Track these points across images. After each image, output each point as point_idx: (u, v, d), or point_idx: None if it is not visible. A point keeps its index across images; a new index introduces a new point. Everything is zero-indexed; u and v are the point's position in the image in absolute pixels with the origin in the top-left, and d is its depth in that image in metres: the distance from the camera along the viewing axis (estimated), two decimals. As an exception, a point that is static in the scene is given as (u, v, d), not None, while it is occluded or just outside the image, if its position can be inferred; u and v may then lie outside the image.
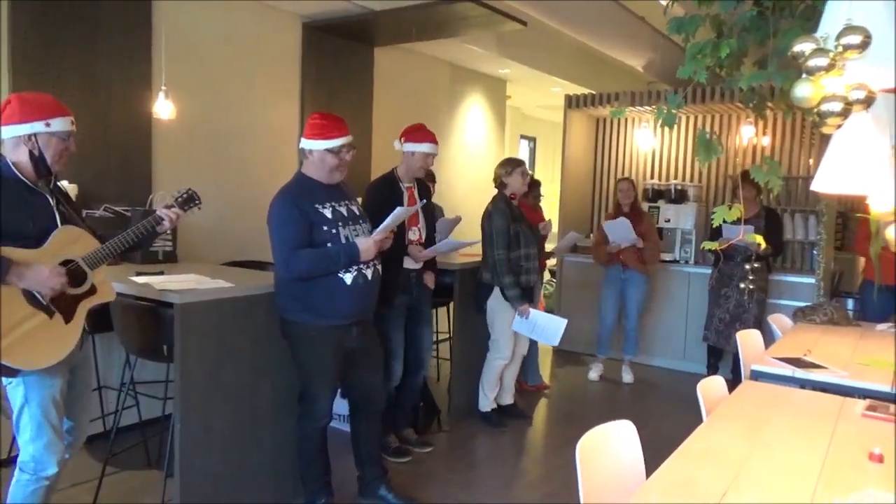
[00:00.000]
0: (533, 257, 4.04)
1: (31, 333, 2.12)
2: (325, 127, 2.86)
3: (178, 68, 4.21)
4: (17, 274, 2.08)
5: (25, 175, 2.22)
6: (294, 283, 2.79)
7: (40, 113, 2.22)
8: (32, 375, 2.19)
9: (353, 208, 2.95)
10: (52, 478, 2.29)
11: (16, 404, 2.24)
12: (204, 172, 4.47)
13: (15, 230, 2.13)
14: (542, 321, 4.03)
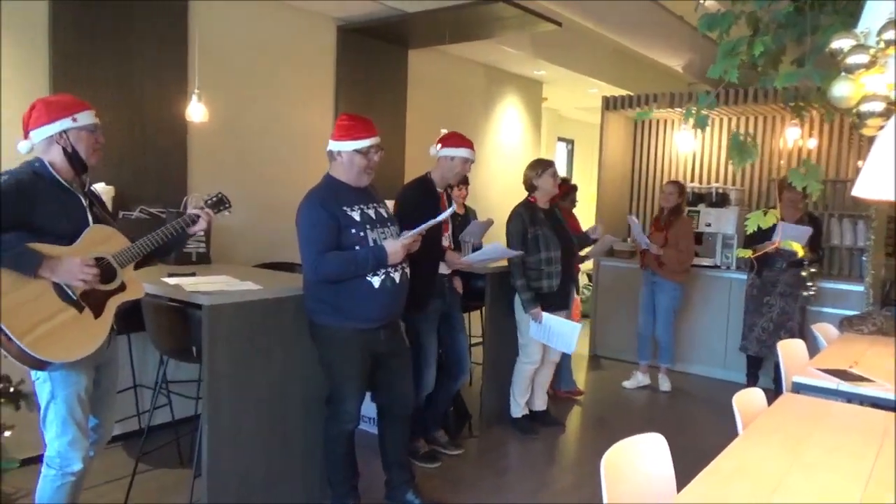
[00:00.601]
0: (555, 261, 3.96)
1: (60, 327, 2.16)
2: (353, 128, 2.86)
3: (212, 71, 4.26)
4: (50, 267, 2.13)
5: (61, 174, 2.28)
6: (322, 286, 2.80)
7: (65, 110, 2.28)
8: (59, 372, 2.24)
9: (381, 211, 2.94)
10: (78, 474, 2.34)
11: (42, 400, 2.29)
12: (238, 174, 4.52)
13: (50, 228, 2.18)
14: (556, 326, 3.95)
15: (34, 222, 2.15)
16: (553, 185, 4.04)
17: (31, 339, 2.09)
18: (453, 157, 3.55)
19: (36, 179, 2.21)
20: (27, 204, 2.14)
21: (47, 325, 2.13)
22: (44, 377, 2.25)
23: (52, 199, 2.22)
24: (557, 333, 3.95)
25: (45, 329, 2.12)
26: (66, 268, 2.15)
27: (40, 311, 2.13)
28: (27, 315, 2.10)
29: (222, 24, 4.36)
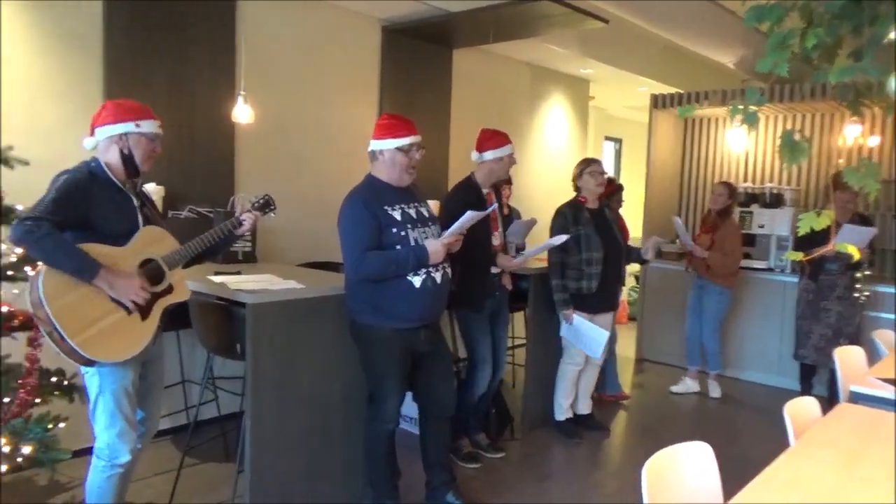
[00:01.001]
0: (595, 262, 3.89)
1: (109, 328, 2.23)
2: (394, 126, 2.87)
3: (258, 73, 4.34)
4: (108, 281, 2.19)
5: (116, 175, 2.36)
6: (363, 285, 2.81)
7: (131, 114, 2.37)
8: (107, 367, 2.32)
9: (422, 210, 2.94)
10: (126, 465, 2.41)
11: (92, 394, 2.38)
12: (283, 174, 4.59)
13: (104, 227, 2.27)
14: (586, 330, 3.89)
15: (90, 221, 2.24)
16: (594, 183, 3.98)
17: (82, 338, 2.16)
18: (501, 157, 3.53)
19: (91, 179, 2.30)
20: (84, 203, 2.23)
21: (97, 326, 2.20)
22: (92, 372, 2.34)
23: (107, 199, 2.30)
24: (586, 337, 3.90)
25: (96, 329, 2.19)
26: (124, 286, 2.22)
27: (91, 312, 2.20)
28: (79, 315, 2.17)
29: (268, 26, 4.43)
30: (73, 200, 2.21)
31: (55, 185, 2.24)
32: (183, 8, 3.97)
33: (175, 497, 3.14)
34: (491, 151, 3.52)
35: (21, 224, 2.10)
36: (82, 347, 2.15)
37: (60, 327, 2.12)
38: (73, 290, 2.17)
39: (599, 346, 3.89)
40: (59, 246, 2.12)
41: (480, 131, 3.60)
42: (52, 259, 2.13)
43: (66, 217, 2.18)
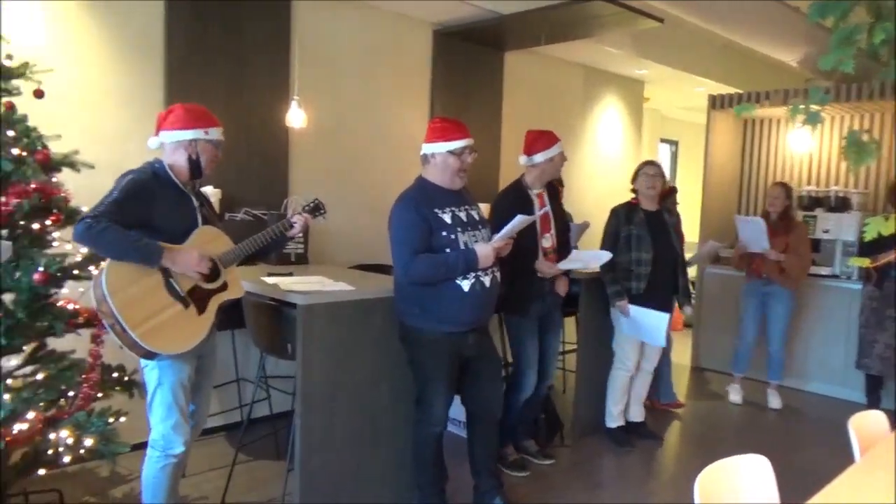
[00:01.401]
0: (645, 263, 3.81)
1: (167, 321, 2.32)
2: (447, 129, 2.88)
3: (311, 77, 4.41)
4: (171, 258, 2.30)
5: (178, 177, 2.46)
6: (412, 288, 2.82)
7: (201, 122, 2.47)
8: (166, 361, 2.40)
9: (473, 214, 2.93)
10: (180, 456, 2.49)
11: (150, 386, 2.47)
12: (336, 178, 4.65)
13: (164, 226, 2.36)
14: (644, 319, 3.80)
15: (150, 220, 2.33)
16: (645, 185, 3.91)
17: (142, 330, 2.25)
18: (552, 157, 3.49)
19: (154, 180, 2.40)
20: (146, 202, 2.33)
21: (157, 319, 2.29)
22: (152, 365, 2.43)
23: (168, 199, 2.40)
24: (646, 326, 3.81)
25: (155, 322, 2.28)
26: (185, 259, 2.32)
27: (151, 305, 2.29)
28: (140, 308, 2.26)
29: (322, 30, 4.51)
30: (135, 200, 2.31)
31: (119, 184, 2.34)
32: (241, 13, 4.07)
33: (228, 493, 3.22)
34: (541, 153, 3.48)
35: (82, 222, 2.20)
36: (142, 339, 2.24)
37: (122, 319, 2.21)
38: (134, 283, 2.26)
39: (661, 331, 3.78)
40: (119, 237, 2.21)
41: (526, 134, 3.55)
42: (115, 251, 2.23)
43: (127, 215, 2.27)
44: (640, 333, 3.88)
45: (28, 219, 2.59)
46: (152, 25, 3.74)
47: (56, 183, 2.70)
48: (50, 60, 3.15)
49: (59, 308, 2.72)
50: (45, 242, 2.70)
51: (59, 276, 2.66)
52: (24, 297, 2.59)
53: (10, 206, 2.52)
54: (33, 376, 2.71)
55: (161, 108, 3.71)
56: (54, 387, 2.70)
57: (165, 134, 2.47)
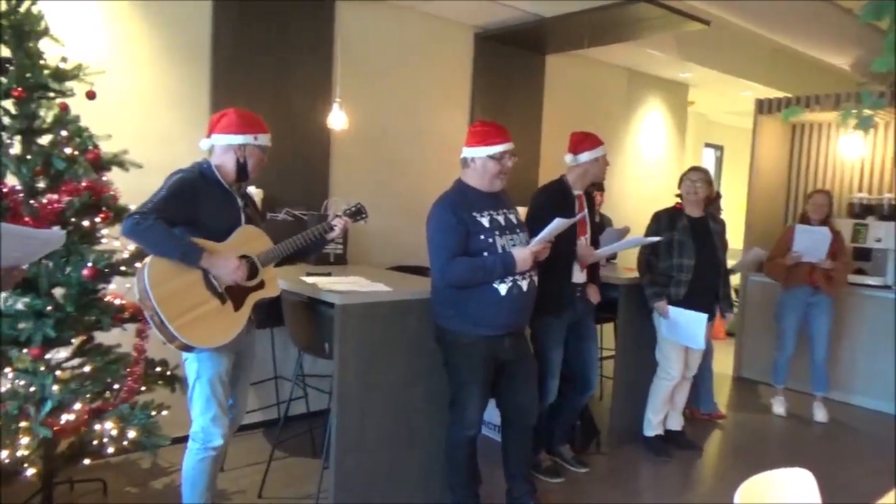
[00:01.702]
0: (686, 269, 3.75)
1: (204, 315, 2.39)
2: (487, 134, 2.87)
3: (353, 80, 4.45)
4: (210, 261, 2.38)
5: (225, 178, 2.55)
6: (449, 291, 2.83)
7: (252, 128, 2.56)
8: (204, 353, 2.47)
9: (511, 217, 2.92)
10: (219, 449, 2.55)
11: (190, 378, 2.54)
12: (375, 179, 4.69)
13: (210, 223, 2.45)
14: (682, 320, 3.73)
15: (196, 218, 2.42)
16: (686, 190, 3.87)
17: (180, 323, 2.32)
18: (597, 158, 3.47)
19: (201, 179, 2.48)
20: (192, 200, 2.41)
21: (194, 313, 2.36)
22: (192, 358, 2.51)
23: (213, 199, 2.48)
24: (684, 328, 3.75)
25: (192, 316, 2.36)
26: (223, 264, 2.40)
27: (190, 300, 2.37)
28: (179, 302, 2.34)
29: (364, 34, 4.55)
30: (181, 197, 2.40)
31: (167, 182, 2.44)
32: (285, 12, 4.12)
33: (265, 488, 3.27)
34: (587, 153, 3.45)
35: (130, 218, 2.30)
36: (179, 331, 2.31)
37: (161, 312, 2.29)
38: (174, 278, 2.34)
39: (700, 333, 3.71)
40: (163, 234, 2.30)
41: (571, 135, 3.53)
42: (158, 246, 2.32)
43: (174, 213, 2.36)
44: (680, 336, 3.81)
45: (78, 216, 2.68)
46: (200, 28, 3.83)
47: (105, 182, 2.79)
48: (102, 62, 3.26)
49: (106, 303, 2.80)
50: (94, 239, 2.79)
51: (106, 272, 2.75)
52: (73, 291, 2.69)
53: (62, 203, 2.61)
54: (81, 368, 2.80)
55: (207, 110, 3.82)
56: (100, 379, 2.79)
57: (217, 136, 2.56)
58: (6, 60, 2.63)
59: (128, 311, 2.85)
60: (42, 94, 2.69)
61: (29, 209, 2.58)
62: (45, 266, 2.66)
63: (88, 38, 3.42)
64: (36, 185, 2.67)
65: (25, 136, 2.67)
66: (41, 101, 2.69)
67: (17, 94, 2.59)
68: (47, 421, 2.58)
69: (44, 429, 2.55)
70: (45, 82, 2.65)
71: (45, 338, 2.59)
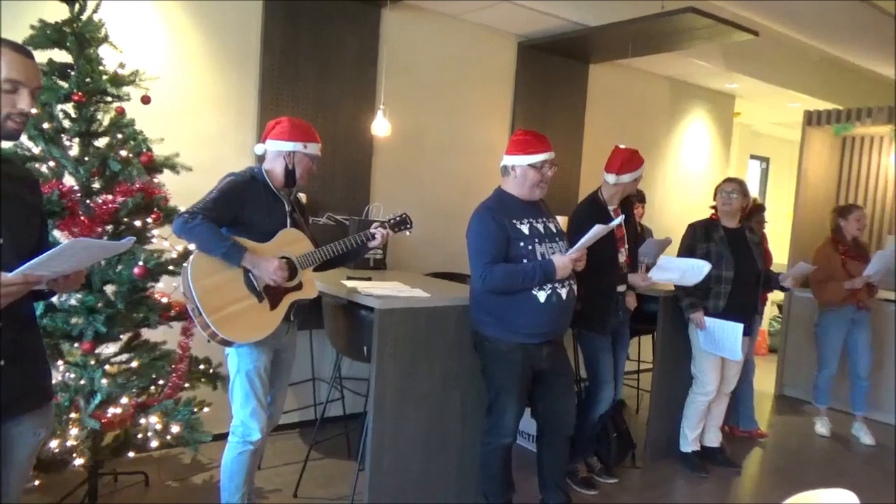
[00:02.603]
0: (725, 281, 3.68)
1: (241, 312, 2.48)
2: (528, 143, 2.89)
3: (397, 87, 4.51)
4: (252, 261, 2.47)
5: (274, 182, 2.65)
6: (488, 297, 2.84)
7: (303, 136, 2.66)
8: (244, 347, 2.56)
9: (550, 225, 2.93)
10: (257, 443, 2.62)
11: (231, 373, 2.63)
12: (416, 186, 4.73)
13: (255, 225, 2.55)
14: (719, 331, 3.66)
15: (243, 218, 2.53)
16: (720, 201, 3.82)
17: (218, 317, 2.41)
18: (635, 178, 3.45)
19: (251, 182, 2.60)
20: (240, 202, 2.53)
21: (231, 308, 2.45)
22: (232, 353, 2.60)
23: (261, 201, 2.59)
24: (722, 339, 3.68)
25: (230, 311, 2.45)
26: (265, 265, 2.48)
27: (229, 295, 2.46)
28: (218, 297, 2.44)
29: (408, 41, 4.60)
30: (228, 199, 2.52)
31: (220, 184, 2.56)
32: (332, 19, 4.19)
33: (300, 487, 3.32)
34: (630, 174, 3.43)
35: (180, 216, 2.43)
36: (216, 325, 2.40)
37: (200, 304, 2.39)
38: (215, 273, 2.44)
39: (737, 343, 3.64)
40: (209, 233, 2.42)
41: (615, 151, 3.49)
42: (204, 244, 2.43)
43: (220, 213, 2.48)
44: (717, 347, 3.74)
45: (131, 216, 2.78)
46: (250, 34, 3.92)
47: (157, 183, 2.89)
48: (156, 67, 3.38)
49: (154, 301, 2.89)
50: (145, 238, 2.89)
51: (155, 271, 2.84)
52: (123, 288, 2.78)
53: (116, 204, 2.71)
54: (128, 364, 2.89)
55: (255, 115, 3.92)
56: (146, 375, 2.87)
57: (270, 142, 2.67)
58: (68, 66, 2.74)
59: (174, 310, 2.94)
60: (100, 99, 2.79)
61: (85, 209, 2.68)
62: (98, 264, 2.75)
63: (144, 44, 3.54)
64: (92, 185, 2.77)
65: (83, 138, 2.77)
66: (99, 104, 2.80)
67: (78, 98, 2.70)
68: (96, 413, 2.67)
69: (92, 421, 2.64)
70: (104, 87, 2.76)
71: (96, 333, 2.69)
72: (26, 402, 1.68)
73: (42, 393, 1.75)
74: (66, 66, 2.75)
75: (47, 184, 2.61)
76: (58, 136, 2.73)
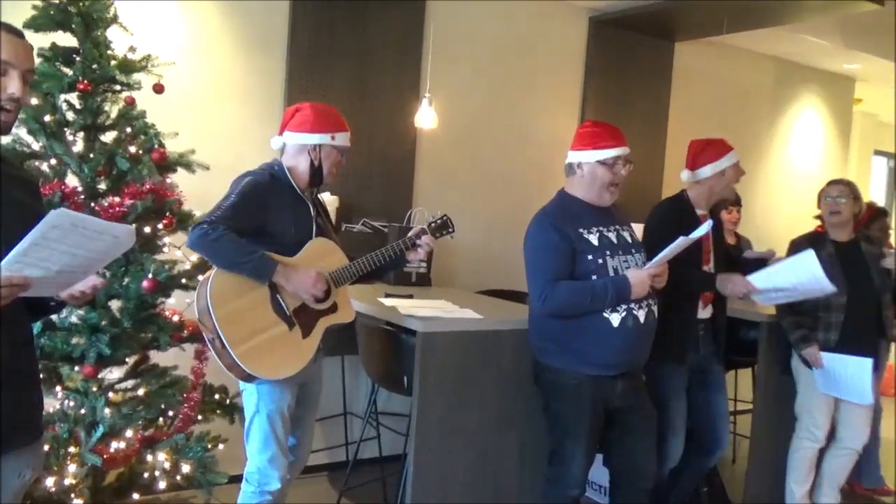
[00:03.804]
0: (837, 308, 3.52)
1: (270, 342, 2.46)
2: (598, 135, 2.86)
3: (445, 73, 4.54)
4: (285, 275, 2.44)
5: (297, 182, 2.62)
6: (550, 321, 2.82)
7: (330, 125, 2.62)
8: (265, 385, 2.54)
9: (624, 235, 2.90)
10: (276, 493, 2.62)
11: (248, 412, 2.62)
12: (467, 188, 4.75)
13: (278, 234, 2.52)
14: (842, 369, 3.46)
15: (265, 226, 2.50)
16: (826, 210, 3.69)
17: (244, 349, 2.40)
18: (723, 171, 3.35)
19: (273, 183, 2.56)
20: (262, 207, 2.50)
21: (259, 338, 2.43)
22: (251, 389, 2.58)
23: (285, 205, 2.56)
24: (846, 379, 3.50)
25: (257, 342, 2.43)
26: (301, 279, 2.45)
27: (255, 323, 2.44)
28: (243, 325, 2.42)
29: (459, 22, 4.63)
30: (252, 204, 2.48)
31: (236, 187, 2.52)
32: (369, 7, 4.27)
33: (329, 541, 3.34)
34: (708, 166, 3.33)
35: (198, 228, 2.38)
36: (242, 359, 2.38)
37: (224, 335, 2.37)
38: (239, 297, 2.42)
39: (867, 383, 3.44)
40: (234, 247, 2.37)
41: (690, 144, 3.42)
42: (227, 260, 2.40)
43: (242, 220, 2.44)
44: (840, 389, 3.57)
45: (140, 221, 2.83)
46: (276, 16, 4.01)
47: (170, 184, 2.95)
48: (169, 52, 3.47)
49: (164, 319, 2.94)
50: (155, 247, 2.94)
51: (167, 285, 2.88)
52: (130, 304, 2.83)
53: (124, 207, 2.77)
54: (134, 391, 2.95)
55: (280, 106, 4.00)
56: (154, 404, 2.92)
57: (290, 135, 2.64)
58: (73, 51, 2.83)
59: (187, 330, 2.97)
60: (108, 88, 2.86)
61: (90, 212, 2.76)
62: (103, 275, 2.83)
63: (157, 25, 3.65)
64: (97, 186, 2.84)
65: (89, 132, 2.85)
66: (107, 94, 2.87)
67: (84, 87, 2.78)
68: (97, 448, 2.72)
69: (93, 456, 2.69)
70: (112, 74, 2.83)
71: (99, 355, 2.73)
72: (14, 439, 1.65)
73: (31, 428, 1.74)
74: (70, 50, 2.82)
75: (48, 184, 2.68)
76: (60, 129, 2.80)
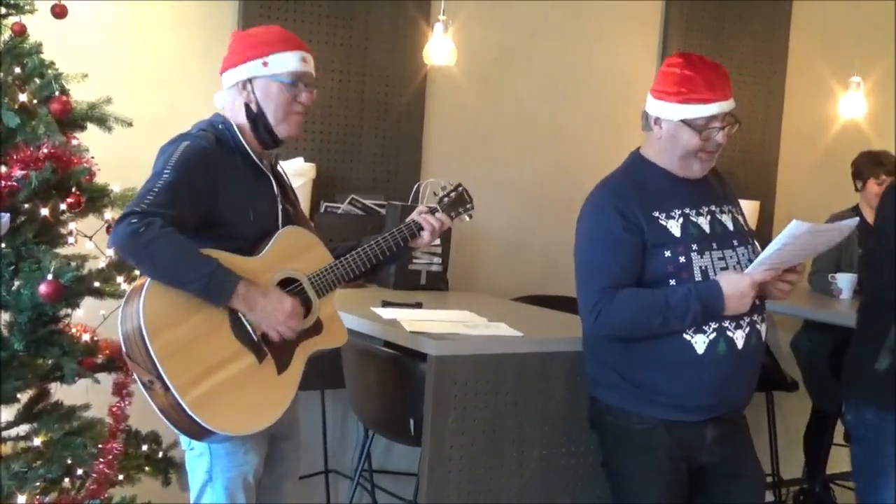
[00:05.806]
0: None
1: (232, 382, 2.33)
2: (688, 81, 2.80)
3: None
4: (247, 301, 2.30)
5: (251, 146, 2.52)
6: (609, 345, 2.82)
7: (257, 48, 2.50)
8: (222, 445, 2.46)
9: (723, 219, 2.87)
10: None
11: (196, 480, 2.56)
12: (496, 153, 4.73)
13: (230, 222, 2.42)
14: None
15: (217, 216, 2.41)
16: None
17: (196, 395, 2.25)
18: None
19: (219, 149, 2.45)
20: (210, 184, 2.38)
21: (217, 377, 2.30)
22: (201, 449, 2.51)
23: (239, 180, 2.45)
24: None
25: (214, 382, 2.29)
26: (269, 309, 2.32)
27: (210, 355, 2.31)
28: (194, 360, 2.28)
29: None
30: (196, 182, 2.35)
31: (169, 158, 2.36)
32: None
33: None
34: None
35: (125, 222, 2.22)
36: (194, 408, 2.24)
37: (166, 375, 2.22)
38: (185, 319, 2.30)
39: None
40: (177, 253, 2.23)
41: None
42: (167, 274, 2.26)
43: (186, 208, 2.31)
44: None
45: (35, 199, 2.80)
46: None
47: (77, 147, 2.93)
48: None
49: (70, 338, 2.91)
50: (57, 237, 2.92)
51: (74, 290, 2.83)
52: (23, 318, 2.79)
53: (11, 181, 2.70)
54: (29, 440, 2.94)
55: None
56: (57, 459, 2.88)
57: (224, 78, 2.57)
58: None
59: (102, 354, 2.96)
60: (-12, 10, 2.86)
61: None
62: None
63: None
64: (-28, 151, 2.84)
65: (-39, 74, 2.85)
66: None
67: (-47, 10, 2.79)
68: (-24, 522, 2.73)
69: (-33, 537, 2.70)
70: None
71: (-22, 390, 2.74)
72: None
73: None
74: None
75: None
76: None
